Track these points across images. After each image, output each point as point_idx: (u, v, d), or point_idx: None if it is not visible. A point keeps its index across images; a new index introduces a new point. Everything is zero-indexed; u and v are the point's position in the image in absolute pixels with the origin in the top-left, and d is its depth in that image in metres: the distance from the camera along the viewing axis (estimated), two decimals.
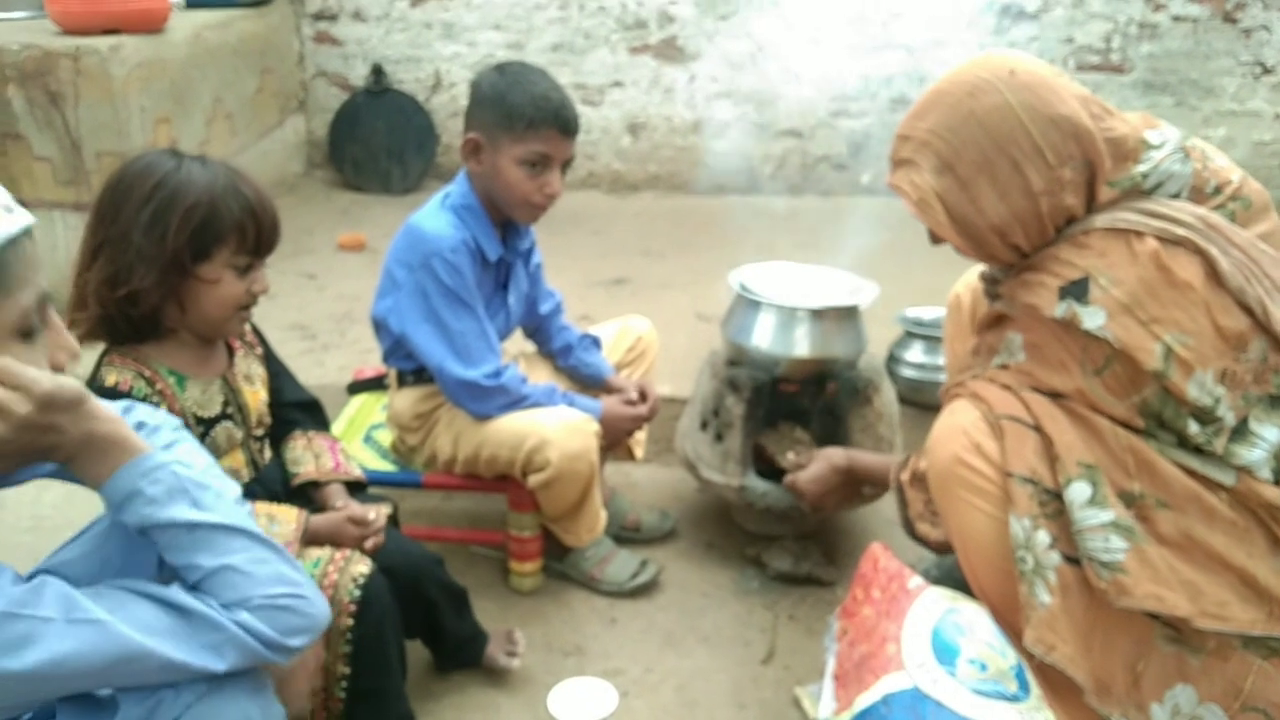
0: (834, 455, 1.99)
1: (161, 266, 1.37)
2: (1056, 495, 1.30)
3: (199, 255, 1.40)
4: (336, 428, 2.17)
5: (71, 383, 0.96)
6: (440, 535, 2.21)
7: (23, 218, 0.96)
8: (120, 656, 0.93)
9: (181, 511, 1.00)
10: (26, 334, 0.95)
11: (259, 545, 1.04)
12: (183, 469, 1.04)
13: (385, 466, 2.12)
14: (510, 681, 1.84)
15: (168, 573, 1.05)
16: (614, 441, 2.15)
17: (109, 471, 0.99)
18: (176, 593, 0.98)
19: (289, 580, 1.05)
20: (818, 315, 2.04)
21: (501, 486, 2.05)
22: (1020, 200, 1.40)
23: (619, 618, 2.05)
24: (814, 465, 1.99)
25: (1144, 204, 1.37)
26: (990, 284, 1.56)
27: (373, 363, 2.74)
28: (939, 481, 1.42)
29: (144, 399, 1.39)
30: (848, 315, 2.09)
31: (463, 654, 1.81)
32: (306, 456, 1.66)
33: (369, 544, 1.56)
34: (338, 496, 1.64)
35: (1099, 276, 1.33)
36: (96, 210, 1.39)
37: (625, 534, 2.26)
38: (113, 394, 1.37)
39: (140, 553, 1.07)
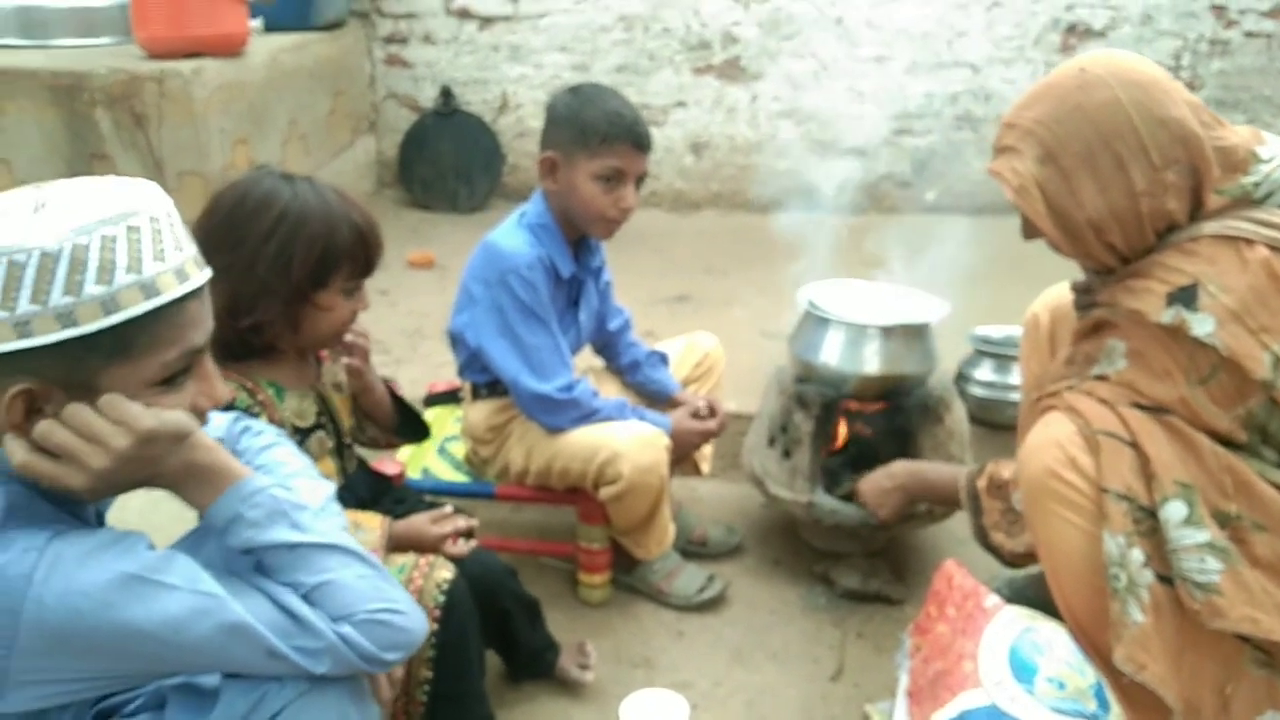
0: (897, 465, 1.99)
1: (285, 299, 1.42)
2: (1152, 513, 1.29)
3: (317, 284, 1.45)
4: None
5: (176, 418, 0.98)
6: (510, 546, 2.25)
7: (195, 280, 0.99)
8: (232, 633, 0.97)
9: (282, 533, 1.04)
10: (166, 383, 0.99)
11: (358, 561, 1.07)
12: (281, 492, 1.07)
13: (459, 478, 2.16)
14: (580, 692, 1.87)
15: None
16: (681, 456, 2.17)
17: (211, 498, 1.03)
18: (289, 595, 1.02)
19: (388, 596, 1.07)
20: (888, 332, 2.05)
21: (572, 499, 2.09)
22: (1121, 198, 1.39)
23: (686, 631, 2.07)
24: (875, 473, 2.00)
25: (1254, 213, 1.35)
26: (1082, 294, 1.56)
27: (445, 377, 2.79)
28: (1030, 494, 1.41)
29: (245, 410, 1.44)
30: (918, 332, 2.10)
31: (536, 665, 1.83)
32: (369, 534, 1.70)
33: (459, 548, 1.59)
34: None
35: (1208, 283, 1.31)
36: (214, 235, 1.39)
37: (692, 548, 2.28)
38: None
39: (239, 557, 1.11)
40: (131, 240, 0.92)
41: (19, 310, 0.88)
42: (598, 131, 1.89)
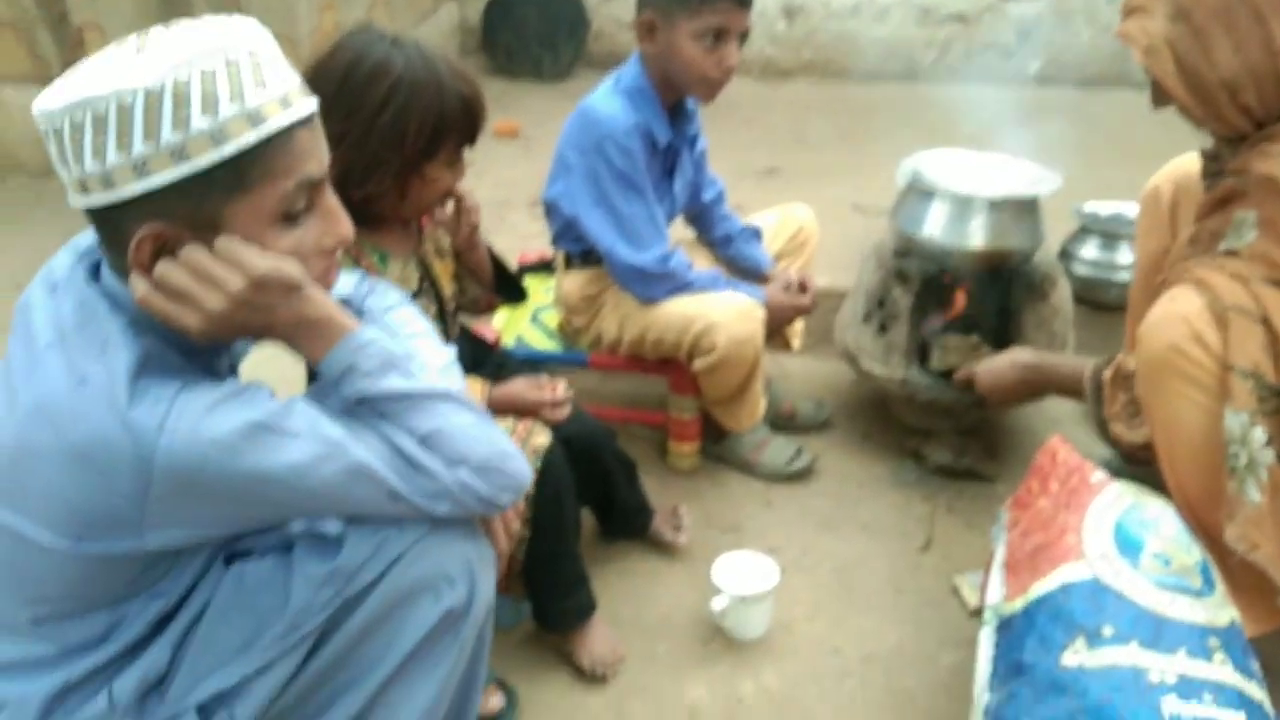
0: (1020, 354, 1.91)
1: (398, 171, 1.42)
2: (1278, 393, 1.25)
3: (427, 156, 1.44)
4: (503, 310, 2.24)
5: (290, 268, 0.99)
6: (601, 414, 2.27)
7: (300, 108, 0.98)
8: (355, 475, 1.00)
9: (395, 382, 1.05)
10: (289, 218, 0.99)
11: (467, 410, 1.09)
12: (391, 342, 1.09)
13: (551, 346, 2.18)
14: (672, 553, 1.92)
15: None
16: (774, 330, 2.15)
17: (324, 350, 1.05)
18: (405, 439, 1.04)
19: (497, 441, 1.10)
20: (995, 205, 1.98)
21: (663, 369, 2.10)
22: (1259, 54, 1.31)
23: (774, 500, 2.10)
24: (997, 360, 1.93)
25: None
26: (1211, 160, 1.48)
27: (532, 248, 2.80)
28: (1150, 370, 1.37)
29: None
30: (1026, 207, 2.02)
31: (631, 524, 1.88)
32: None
33: (558, 413, 1.62)
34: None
35: None
36: (326, 101, 1.34)
37: (781, 422, 2.28)
38: None
39: (355, 409, 1.14)
40: (231, 72, 0.92)
41: (134, 151, 0.89)
42: None
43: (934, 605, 1.81)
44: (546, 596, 1.65)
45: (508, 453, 1.10)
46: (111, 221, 0.95)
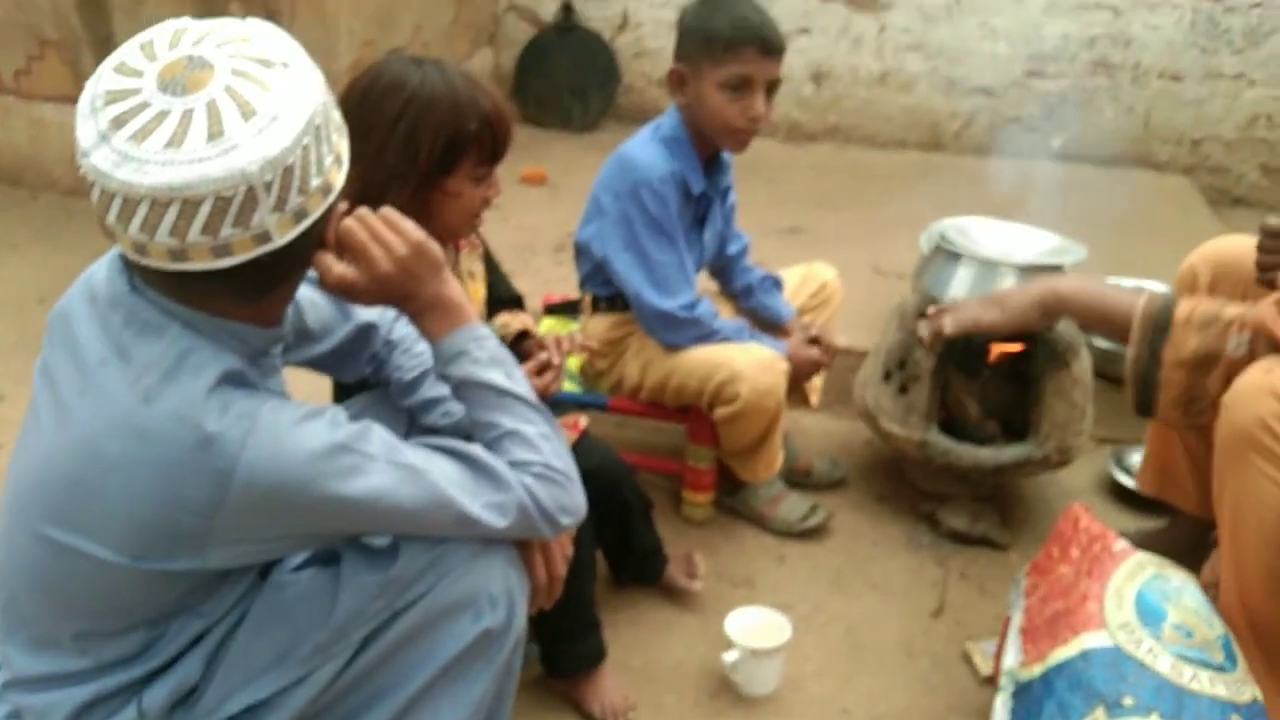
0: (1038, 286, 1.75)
1: (414, 186, 1.43)
2: None
3: (445, 170, 1.45)
4: None
5: (437, 248, 1.10)
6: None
7: None
8: (428, 502, 1.02)
9: (497, 377, 1.12)
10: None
11: (549, 425, 1.14)
12: (499, 346, 1.15)
13: (572, 388, 2.19)
14: (683, 603, 1.91)
15: None
16: (794, 384, 2.16)
17: (447, 329, 1.12)
18: (475, 449, 1.07)
19: (566, 460, 1.14)
20: (1023, 271, 2.00)
21: (683, 417, 2.10)
22: None
23: (788, 556, 2.09)
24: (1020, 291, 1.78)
25: None
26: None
27: (557, 291, 2.82)
28: (1232, 443, 1.34)
29: None
30: (1052, 275, 2.04)
31: (645, 568, 1.87)
32: (513, 322, 1.75)
33: (542, 380, 1.61)
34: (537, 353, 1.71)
35: None
36: (346, 122, 1.44)
37: (796, 478, 2.28)
38: None
39: (392, 429, 1.15)
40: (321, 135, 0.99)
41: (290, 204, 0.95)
42: (721, 38, 1.86)
43: (945, 670, 1.79)
44: (558, 640, 1.63)
45: (571, 474, 1.14)
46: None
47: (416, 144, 1.41)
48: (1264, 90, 4.12)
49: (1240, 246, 1.68)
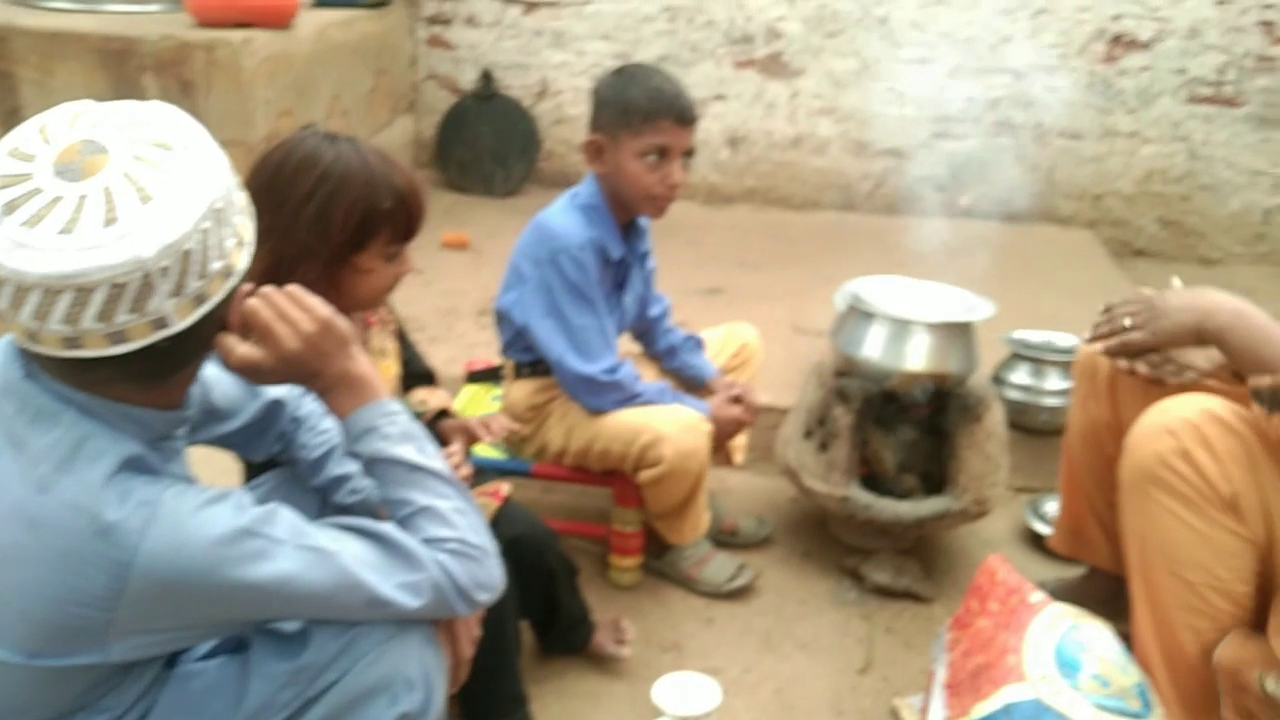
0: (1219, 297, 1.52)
1: (323, 262, 1.41)
2: None
3: (357, 246, 1.44)
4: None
5: (345, 323, 1.08)
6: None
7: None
8: (337, 586, 0.99)
9: (409, 452, 1.10)
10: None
11: (464, 499, 1.12)
12: (412, 420, 1.13)
13: (495, 454, 2.17)
14: (612, 671, 1.88)
15: None
16: (719, 442, 2.17)
17: (356, 406, 1.10)
18: (386, 526, 1.04)
19: (482, 536, 1.12)
20: (933, 329, 2.05)
21: (608, 481, 2.10)
22: None
23: (716, 618, 2.08)
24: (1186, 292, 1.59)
25: None
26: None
27: (477, 356, 2.81)
28: (1135, 481, 1.40)
29: None
30: (962, 331, 2.10)
31: (572, 636, 1.85)
32: (431, 399, 1.74)
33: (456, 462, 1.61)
34: (457, 436, 1.71)
35: None
36: (258, 196, 1.41)
37: (722, 538, 2.28)
38: None
39: (302, 509, 1.13)
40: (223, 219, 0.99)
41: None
42: (639, 109, 1.90)
43: None
44: (484, 716, 1.60)
45: (488, 548, 1.12)
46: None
47: (329, 220, 1.40)
48: (1157, 147, 4.33)
49: None
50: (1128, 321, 1.58)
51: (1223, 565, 1.38)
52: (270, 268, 1.36)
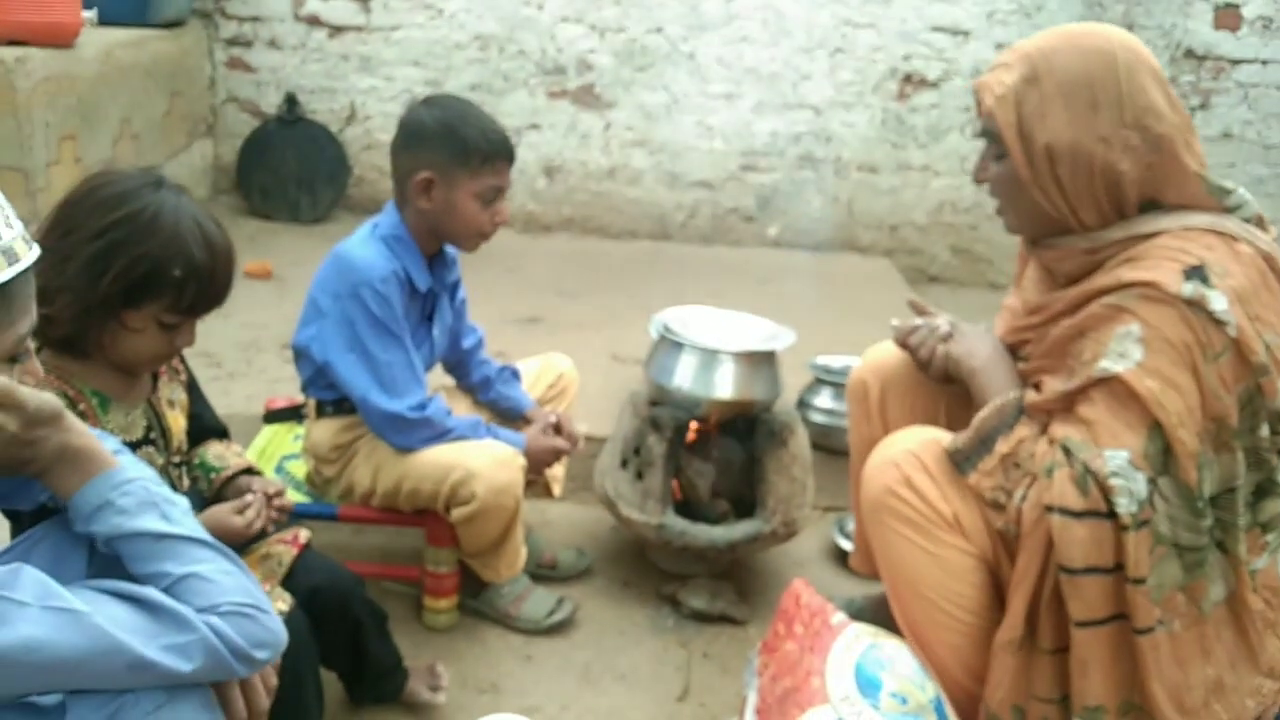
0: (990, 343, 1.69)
1: (86, 304, 1.31)
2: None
3: (128, 304, 1.34)
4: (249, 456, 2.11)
5: (50, 398, 0.98)
6: (352, 570, 2.17)
7: (36, 250, 0.99)
8: (92, 650, 0.91)
9: (151, 523, 1.02)
10: (14, 360, 0.99)
11: (224, 558, 1.05)
12: (153, 485, 1.04)
13: (299, 498, 2.07)
14: (427, 718, 1.82)
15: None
16: (535, 472, 2.15)
17: (81, 482, 1.01)
18: (149, 590, 0.97)
19: (253, 593, 1.05)
20: (739, 358, 2.10)
21: (419, 521, 2.03)
22: (1082, 135, 1.43)
23: (535, 655, 2.05)
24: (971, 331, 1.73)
25: (1231, 219, 1.44)
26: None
27: (280, 392, 2.68)
28: (871, 512, 1.48)
29: None
30: (767, 359, 2.16)
31: (383, 686, 1.77)
32: (229, 455, 1.63)
33: (244, 519, 1.51)
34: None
35: (1213, 266, 1.36)
36: (53, 215, 1.34)
37: (541, 571, 2.26)
38: None
39: (65, 570, 1.05)
40: None
41: None
42: (479, 151, 1.88)
43: None
44: None
45: (263, 606, 1.05)
46: None
47: (105, 266, 1.30)
48: (947, 180, 4.63)
49: (897, 355, 1.84)
50: (943, 330, 1.73)
51: (957, 580, 1.49)
52: (37, 289, 1.27)
